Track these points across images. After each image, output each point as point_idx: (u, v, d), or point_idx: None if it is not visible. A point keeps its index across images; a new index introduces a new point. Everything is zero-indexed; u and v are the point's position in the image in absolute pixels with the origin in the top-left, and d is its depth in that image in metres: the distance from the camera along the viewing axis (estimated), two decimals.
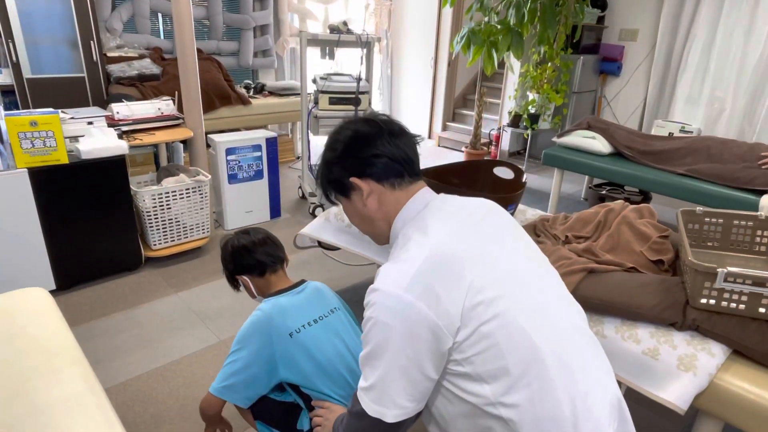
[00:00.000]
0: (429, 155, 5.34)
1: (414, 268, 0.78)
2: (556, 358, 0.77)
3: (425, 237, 0.84)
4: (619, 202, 1.78)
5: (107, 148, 2.34)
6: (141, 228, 2.66)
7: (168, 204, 2.61)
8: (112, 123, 2.67)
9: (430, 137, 6.07)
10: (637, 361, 1.24)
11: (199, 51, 4.23)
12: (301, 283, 1.37)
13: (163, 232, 2.66)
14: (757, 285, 1.17)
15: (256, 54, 5.08)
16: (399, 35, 6.05)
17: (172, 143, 3.28)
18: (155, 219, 2.60)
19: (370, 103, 3.52)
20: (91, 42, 3.53)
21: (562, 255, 1.50)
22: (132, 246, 2.56)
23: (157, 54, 4.18)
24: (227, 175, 3.04)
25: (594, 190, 3.64)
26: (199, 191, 2.71)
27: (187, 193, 2.66)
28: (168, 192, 2.59)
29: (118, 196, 2.44)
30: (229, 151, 3.00)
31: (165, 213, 2.62)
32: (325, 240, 2.11)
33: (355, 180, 0.92)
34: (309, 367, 1.23)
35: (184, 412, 1.72)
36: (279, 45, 5.21)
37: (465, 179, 2.12)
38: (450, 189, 1.79)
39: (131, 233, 2.54)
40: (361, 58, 3.46)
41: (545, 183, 4.43)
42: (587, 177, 3.94)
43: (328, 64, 4.13)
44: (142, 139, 2.71)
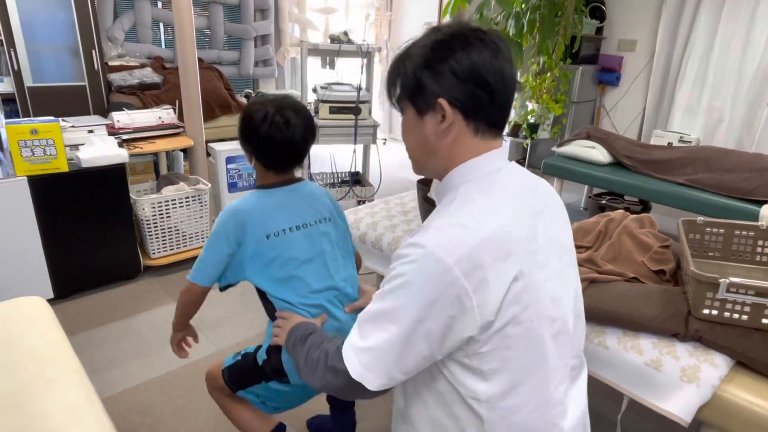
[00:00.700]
0: None
1: (475, 239, 0.68)
2: (556, 375, 0.77)
3: (492, 207, 0.73)
4: (620, 211, 1.77)
5: (107, 156, 2.34)
6: (140, 236, 2.66)
7: (167, 212, 2.60)
8: (112, 131, 2.68)
9: None
10: (640, 373, 1.23)
11: (200, 60, 4.25)
12: (298, 181, 1.27)
13: (163, 240, 2.65)
14: (760, 295, 1.16)
15: (256, 63, 5.10)
16: (399, 45, 6.09)
17: (172, 152, 3.29)
18: (154, 227, 2.60)
19: (370, 113, 3.53)
20: (93, 51, 3.54)
21: None
22: (131, 254, 2.55)
23: (158, 63, 4.20)
24: (227, 184, 3.04)
25: (594, 199, 3.64)
26: (199, 200, 2.71)
27: (187, 202, 2.66)
28: (168, 200, 2.59)
29: (117, 204, 2.44)
30: (230, 160, 3.00)
31: (164, 221, 2.62)
32: None
33: (444, 102, 0.74)
34: (280, 275, 1.17)
35: (181, 422, 1.70)
36: (279, 55, 5.24)
37: None
38: None
39: (130, 242, 2.53)
40: (362, 67, 3.48)
41: None
42: (587, 186, 3.95)
43: (328, 73, 4.15)
44: (142, 148, 2.71)
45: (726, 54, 4.23)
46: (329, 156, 4.63)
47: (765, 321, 1.17)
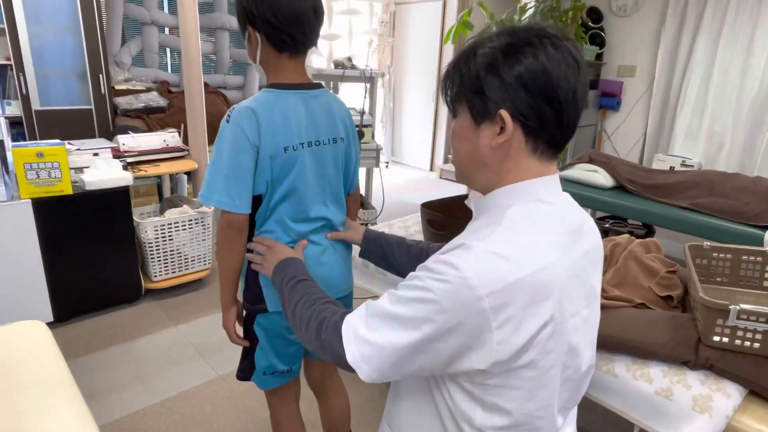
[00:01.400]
0: (431, 188, 5.36)
1: (514, 276, 0.62)
2: (555, 421, 0.75)
3: (538, 243, 0.67)
4: (625, 236, 1.76)
5: (111, 179, 2.35)
6: (142, 259, 2.65)
7: (170, 235, 2.60)
8: (117, 154, 2.70)
9: (432, 169, 6.10)
10: (650, 402, 1.20)
11: (206, 85, 4.31)
12: (317, 87, 1.11)
13: (164, 263, 2.64)
14: None
15: (260, 88, 5.17)
16: (401, 70, 6.18)
17: (176, 174, 3.30)
18: (157, 250, 2.59)
19: (373, 136, 3.56)
20: (100, 75, 3.60)
21: None
22: (132, 277, 2.54)
23: (164, 87, 4.26)
24: None
25: (597, 223, 3.63)
26: (202, 222, 2.70)
27: (190, 225, 2.66)
28: (170, 223, 2.59)
29: (120, 227, 2.43)
30: None
31: (167, 244, 2.61)
32: None
33: (505, 114, 0.67)
34: (276, 194, 1.07)
35: None
36: None
37: (469, 212, 2.11)
38: (454, 222, 1.79)
39: (132, 265, 2.52)
40: (365, 92, 3.52)
41: None
42: (590, 210, 3.94)
43: None
44: (146, 171, 2.72)
45: (725, 80, 4.28)
46: None
47: None
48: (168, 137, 2.98)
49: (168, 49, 4.59)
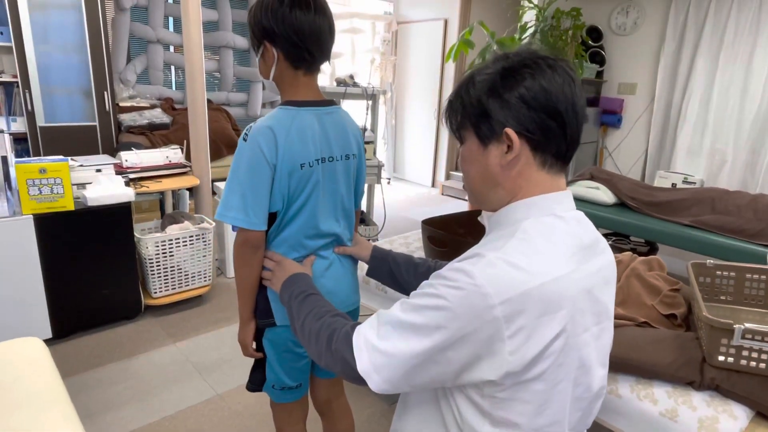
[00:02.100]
0: (433, 204, 5.36)
1: (527, 285, 0.63)
2: None
3: (552, 255, 0.68)
4: (627, 253, 1.75)
5: (113, 195, 2.35)
6: (142, 275, 2.64)
7: (171, 251, 2.60)
8: (120, 171, 2.71)
9: (433, 186, 6.11)
10: (655, 423, 1.18)
11: (209, 102, 4.35)
12: (332, 104, 1.13)
13: (165, 279, 2.63)
14: None
15: (264, 105, 5.22)
16: (403, 88, 6.24)
17: (178, 190, 3.31)
18: (157, 266, 2.58)
19: (375, 153, 3.57)
20: (105, 92, 3.64)
21: None
22: (132, 294, 2.53)
23: (168, 104, 4.30)
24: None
25: None
26: (203, 239, 2.70)
27: (191, 241, 2.66)
28: (171, 239, 2.58)
29: (121, 243, 2.43)
30: None
31: (167, 260, 2.60)
32: None
33: (511, 132, 0.69)
34: (291, 210, 1.08)
35: None
36: None
37: (470, 229, 2.11)
38: (454, 239, 1.78)
39: (132, 281, 2.51)
40: (367, 109, 3.55)
41: None
42: None
43: None
44: (148, 187, 2.73)
45: (725, 98, 4.30)
46: None
47: None
48: (171, 153, 3.00)
49: (173, 67, 4.64)
